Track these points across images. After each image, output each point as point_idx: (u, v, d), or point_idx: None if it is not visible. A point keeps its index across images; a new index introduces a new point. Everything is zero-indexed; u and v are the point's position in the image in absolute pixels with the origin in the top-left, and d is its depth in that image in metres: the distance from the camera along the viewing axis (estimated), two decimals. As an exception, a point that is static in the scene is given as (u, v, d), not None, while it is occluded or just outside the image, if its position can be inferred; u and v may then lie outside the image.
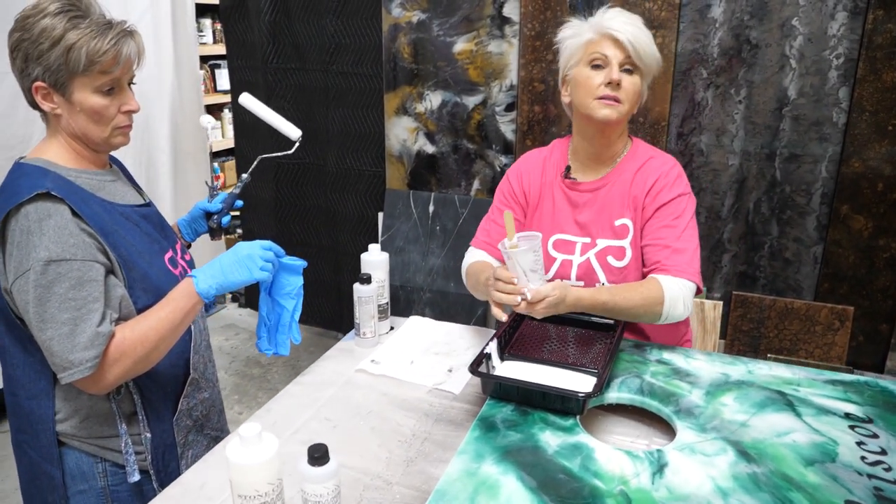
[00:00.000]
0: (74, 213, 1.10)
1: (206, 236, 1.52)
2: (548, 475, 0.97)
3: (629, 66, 1.38)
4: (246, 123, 3.28)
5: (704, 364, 1.31)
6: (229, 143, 4.03)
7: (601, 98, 1.37)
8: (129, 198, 1.27)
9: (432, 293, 2.89)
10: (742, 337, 2.59)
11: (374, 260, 1.48)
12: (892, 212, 2.31)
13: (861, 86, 2.25)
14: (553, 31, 2.59)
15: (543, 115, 2.63)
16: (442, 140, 2.83)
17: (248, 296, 3.65)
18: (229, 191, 1.50)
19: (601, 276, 1.43)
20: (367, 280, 1.44)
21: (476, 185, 2.82)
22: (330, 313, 3.29)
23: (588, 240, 1.46)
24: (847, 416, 1.14)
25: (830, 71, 2.28)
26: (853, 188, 2.33)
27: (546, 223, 1.50)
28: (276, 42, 3.04)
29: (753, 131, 2.41)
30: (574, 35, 1.43)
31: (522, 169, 1.57)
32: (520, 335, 1.38)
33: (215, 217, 1.46)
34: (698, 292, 1.39)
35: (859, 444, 1.06)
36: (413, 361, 1.40)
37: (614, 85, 1.36)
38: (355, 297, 1.44)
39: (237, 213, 3.76)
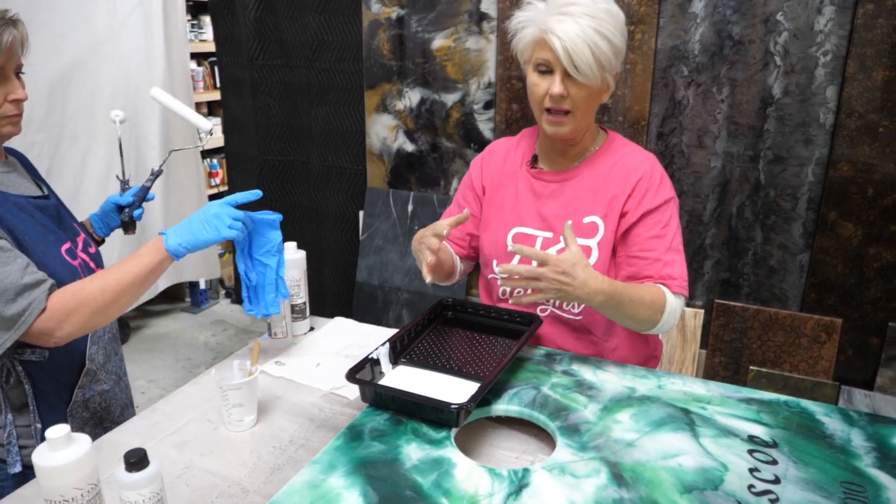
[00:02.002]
0: None
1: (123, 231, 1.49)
2: (394, 491, 0.91)
3: None
4: (235, 120, 3.28)
5: (613, 377, 1.22)
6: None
7: (547, 111, 1.25)
8: (24, 189, 1.25)
9: (410, 293, 2.84)
10: (724, 347, 2.47)
11: (288, 259, 1.44)
12: (883, 219, 2.17)
13: (850, 85, 2.11)
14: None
15: (522, 113, 2.56)
16: (421, 138, 2.78)
17: (240, 292, 3.66)
18: (141, 184, 1.47)
19: None
20: (277, 279, 1.40)
21: (454, 184, 2.76)
22: (314, 311, 3.27)
23: (550, 234, 1.34)
24: (751, 438, 1.05)
25: (817, 69, 2.15)
26: (841, 193, 2.20)
27: (507, 214, 1.39)
28: (261, 39, 3.03)
29: (736, 132, 2.29)
30: (525, 25, 1.26)
31: (486, 157, 1.48)
32: (423, 340, 1.31)
33: (127, 210, 1.44)
34: None
35: (752, 470, 0.97)
36: (319, 364, 1.35)
37: (557, 98, 1.22)
38: (266, 296, 1.40)
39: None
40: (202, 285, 3.64)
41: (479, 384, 1.15)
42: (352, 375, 1.10)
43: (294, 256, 1.45)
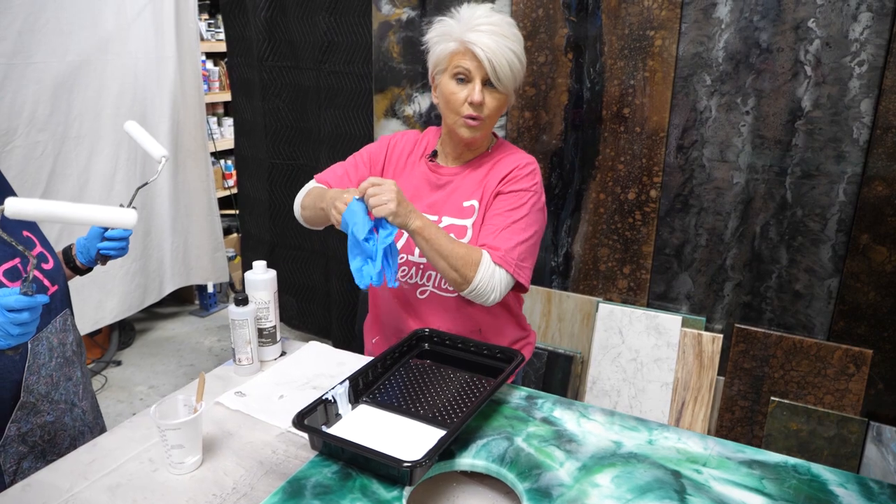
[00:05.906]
0: None
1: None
2: (326, 564, 0.80)
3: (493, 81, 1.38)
4: (245, 122, 3.22)
5: (599, 427, 1.09)
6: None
7: (464, 117, 1.38)
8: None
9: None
10: (743, 375, 2.31)
11: (257, 279, 1.34)
12: (921, 244, 1.98)
13: (887, 98, 1.94)
14: (546, 31, 2.38)
15: (534, 121, 2.43)
16: (429, 145, 2.66)
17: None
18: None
19: None
20: (242, 301, 1.30)
21: (463, 194, 2.64)
22: (320, 320, 3.19)
23: (435, 217, 1.48)
24: (747, 511, 0.91)
25: (851, 80, 1.97)
26: (875, 215, 2.02)
27: None
28: (271, 39, 2.95)
29: (762, 146, 2.13)
30: (440, 40, 1.41)
31: (397, 138, 1.60)
32: (392, 376, 1.20)
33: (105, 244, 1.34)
34: (523, 290, 1.43)
35: (745, 553, 0.84)
36: (283, 396, 1.25)
37: (476, 105, 1.37)
38: (230, 320, 1.31)
39: (235, 213, 3.72)
40: (210, 289, 3.58)
41: (445, 433, 1.04)
42: (300, 421, 1.00)
43: (264, 277, 1.35)
